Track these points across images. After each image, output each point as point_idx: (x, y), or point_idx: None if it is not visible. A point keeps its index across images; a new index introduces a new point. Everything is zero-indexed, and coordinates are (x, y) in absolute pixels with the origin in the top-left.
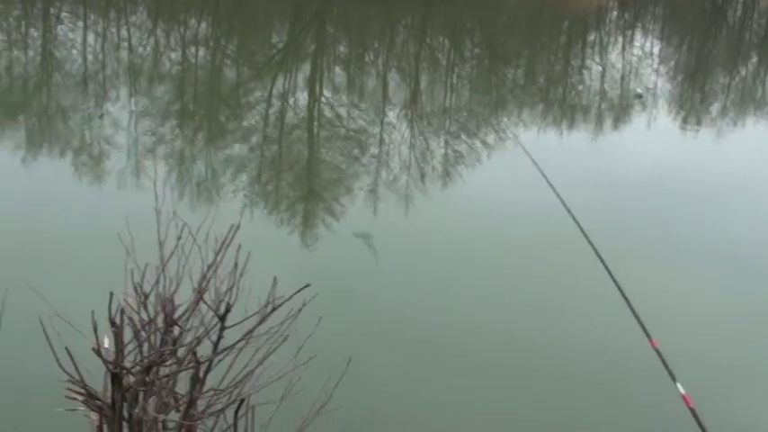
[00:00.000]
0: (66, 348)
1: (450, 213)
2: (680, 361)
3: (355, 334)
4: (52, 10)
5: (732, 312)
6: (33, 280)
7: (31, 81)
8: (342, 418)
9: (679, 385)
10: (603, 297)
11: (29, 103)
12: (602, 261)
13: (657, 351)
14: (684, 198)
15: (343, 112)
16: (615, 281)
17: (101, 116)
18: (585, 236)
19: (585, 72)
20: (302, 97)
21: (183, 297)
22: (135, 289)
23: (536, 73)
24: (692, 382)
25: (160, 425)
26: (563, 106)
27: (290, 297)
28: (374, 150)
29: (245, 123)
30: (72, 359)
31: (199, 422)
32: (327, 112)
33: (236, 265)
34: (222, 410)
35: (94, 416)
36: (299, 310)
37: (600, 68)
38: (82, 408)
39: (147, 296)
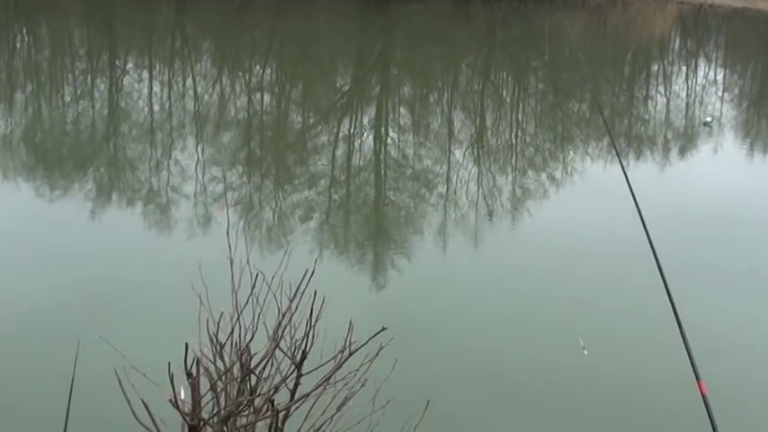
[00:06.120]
0: (143, 401)
1: (520, 249)
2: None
3: (432, 375)
4: (117, 62)
5: None
6: (107, 331)
7: (98, 132)
8: None
9: None
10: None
11: (97, 154)
12: (669, 294)
13: (704, 399)
14: (753, 226)
15: (409, 152)
16: (677, 316)
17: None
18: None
19: (650, 102)
20: (368, 139)
21: (259, 345)
22: (210, 339)
23: (601, 106)
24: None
25: None
26: (629, 137)
27: (367, 341)
28: (441, 189)
29: (312, 168)
30: (148, 412)
31: None
32: (394, 153)
33: (311, 310)
34: None
35: None
36: (377, 354)
37: (665, 99)
38: None
39: (222, 345)
